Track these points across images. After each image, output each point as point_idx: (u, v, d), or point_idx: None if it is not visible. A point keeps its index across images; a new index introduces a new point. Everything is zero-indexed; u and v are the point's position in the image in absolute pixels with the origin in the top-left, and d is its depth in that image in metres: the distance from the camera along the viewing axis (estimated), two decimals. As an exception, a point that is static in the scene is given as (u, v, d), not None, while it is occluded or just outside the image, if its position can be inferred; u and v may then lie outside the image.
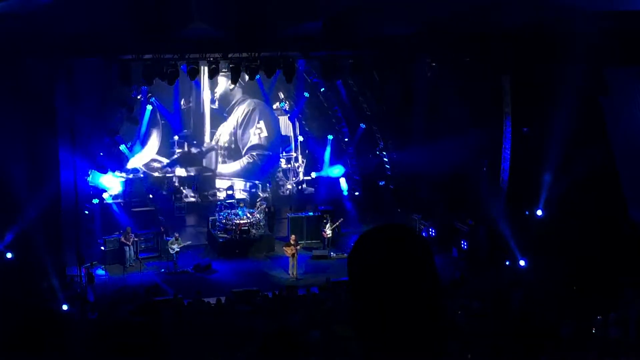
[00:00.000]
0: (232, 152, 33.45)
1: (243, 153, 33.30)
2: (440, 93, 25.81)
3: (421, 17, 21.20)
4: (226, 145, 33.43)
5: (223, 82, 31.45)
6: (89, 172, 26.63)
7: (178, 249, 25.60)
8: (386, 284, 2.39)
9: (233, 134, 33.40)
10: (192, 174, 32.24)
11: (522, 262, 23.22)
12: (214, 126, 33.16)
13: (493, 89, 24.51)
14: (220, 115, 32.86)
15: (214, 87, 32.17)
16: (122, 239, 25.60)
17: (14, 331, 14.26)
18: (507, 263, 23.62)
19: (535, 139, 23.21)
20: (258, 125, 33.41)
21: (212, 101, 32.53)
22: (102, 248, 25.80)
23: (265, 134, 33.45)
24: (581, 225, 21.46)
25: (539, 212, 24.05)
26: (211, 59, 23.85)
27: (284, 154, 33.52)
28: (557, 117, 21.64)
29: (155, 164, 31.88)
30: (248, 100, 33.16)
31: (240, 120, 33.29)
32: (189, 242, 26.83)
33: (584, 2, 17.72)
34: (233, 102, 32.95)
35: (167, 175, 31.80)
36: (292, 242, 25.06)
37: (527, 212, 24.39)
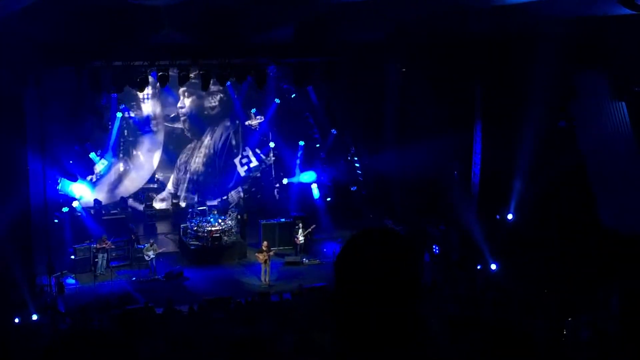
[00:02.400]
0: (207, 185, 33.28)
1: (229, 187, 33.08)
2: (411, 98, 25.92)
3: (391, 23, 21.30)
4: (199, 173, 33.45)
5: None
6: (59, 180, 26.39)
7: (154, 255, 25.46)
8: (371, 287, 2.39)
9: (208, 163, 33.45)
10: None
11: (493, 266, 23.36)
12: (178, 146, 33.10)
13: (463, 94, 24.66)
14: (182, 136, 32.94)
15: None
16: (97, 246, 25.37)
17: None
18: (479, 267, 23.74)
19: (505, 143, 23.36)
20: (245, 153, 33.32)
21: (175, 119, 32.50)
22: (72, 257, 25.55)
23: (254, 163, 33.46)
24: (552, 228, 21.66)
25: (510, 216, 24.22)
26: (182, 65, 23.77)
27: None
28: (527, 121, 21.82)
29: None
30: (223, 122, 33.15)
31: (219, 147, 33.25)
32: (164, 249, 26.68)
33: (550, 8, 17.86)
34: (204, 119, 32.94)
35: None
36: (264, 248, 24.99)
37: (498, 216, 24.55)
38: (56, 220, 26.29)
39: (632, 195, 20.98)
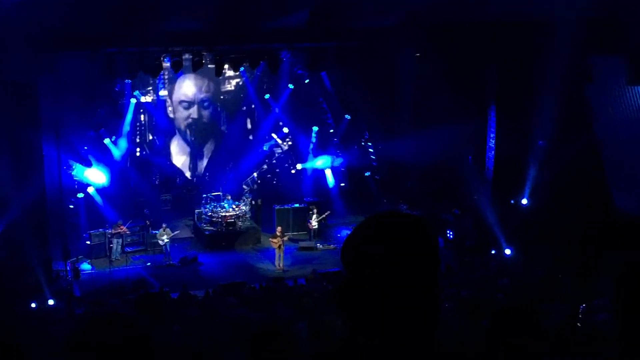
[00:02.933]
0: (222, 170, 33.20)
1: (245, 172, 32.88)
2: (425, 83, 25.80)
3: (406, 7, 21.18)
4: (215, 158, 33.52)
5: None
6: (73, 166, 26.47)
7: (167, 240, 25.58)
8: (385, 268, 2.35)
9: (224, 148, 33.47)
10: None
11: (507, 251, 23.33)
12: (194, 131, 33.13)
13: (478, 79, 24.55)
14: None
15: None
16: (112, 231, 25.52)
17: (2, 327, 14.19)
18: (493, 252, 23.71)
19: (519, 128, 23.27)
20: (270, 138, 33.37)
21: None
22: (88, 242, 25.72)
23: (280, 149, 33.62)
24: (566, 213, 21.57)
25: (524, 201, 24.15)
26: (195, 51, 23.76)
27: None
28: (542, 106, 21.70)
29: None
30: (239, 106, 33.19)
31: (235, 132, 33.35)
32: (177, 232, 26.79)
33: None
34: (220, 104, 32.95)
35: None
36: (278, 233, 25.03)
37: (512, 201, 24.48)
38: (71, 206, 26.42)
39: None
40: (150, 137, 32.05)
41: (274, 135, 32.70)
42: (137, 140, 31.13)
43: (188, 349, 6.18)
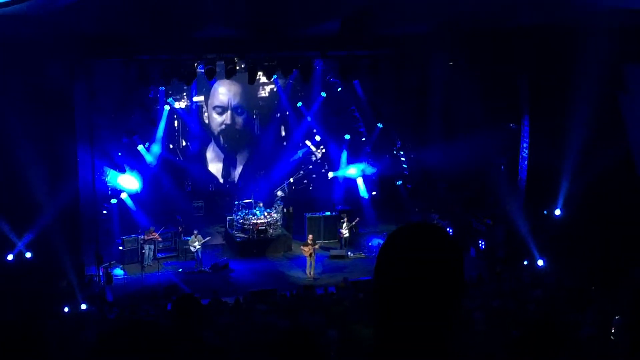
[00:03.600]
0: (255, 177, 33.11)
1: (278, 180, 32.75)
2: (457, 91, 25.71)
3: (438, 15, 21.14)
4: (249, 165, 33.61)
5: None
6: (107, 172, 26.73)
7: (199, 246, 25.74)
8: (411, 281, 2.39)
9: (258, 155, 33.52)
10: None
11: (540, 262, 23.13)
12: (228, 137, 33.20)
13: (510, 87, 24.40)
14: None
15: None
16: (145, 237, 25.73)
17: (28, 330, 14.31)
18: (525, 263, 23.52)
19: (553, 137, 23.08)
20: (306, 146, 33.26)
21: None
22: (121, 248, 25.95)
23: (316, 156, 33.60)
24: (600, 224, 21.34)
25: (558, 212, 23.92)
26: (228, 59, 23.89)
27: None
28: (575, 115, 21.51)
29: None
30: (273, 113, 33.23)
31: (268, 139, 33.36)
32: (209, 238, 26.92)
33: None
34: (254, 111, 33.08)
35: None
36: (309, 241, 25.05)
37: (545, 212, 24.26)
38: (105, 212, 26.68)
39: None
40: (184, 144, 32.23)
41: (308, 142, 32.70)
42: (171, 146, 31.22)
43: (218, 355, 6.21)
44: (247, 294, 20.92)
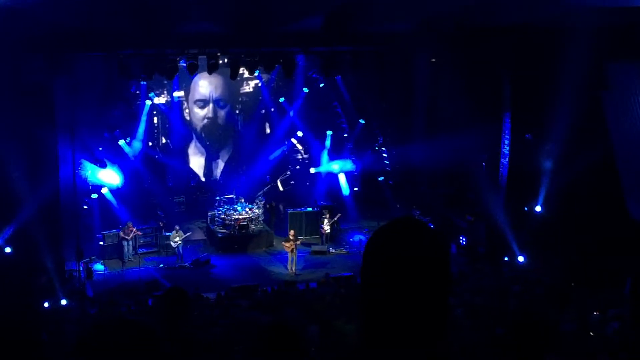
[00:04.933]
0: (238, 173, 33.00)
1: (261, 176, 32.70)
2: (440, 88, 25.78)
3: (421, 12, 21.17)
4: (231, 161, 33.51)
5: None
6: (87, 167, 26.55)
7: (180, 242, 25.66)
8: (398, 277, 2.38)
9: (241, 151, 33.40)
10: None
11: (520, 258, 23.26)
12: (210, 133, 33.04)
13: (493, 85, 24.47)
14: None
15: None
16: (122, 234, 25.65)
17: (10, 326, 14.24)
18: (506, 259, 23.64)
19: (535, 135, 23.19)
20: (290, 143, 33.04)
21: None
22: (101, 243, 25.84)
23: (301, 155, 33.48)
24: (580, 221, 21.47)
25: (538, 208, 24.05)
26: (210, 54, 23.82)
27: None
28: (557, 113, 21.61)
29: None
30: (257, 109, 33.07)
31: (251, 135, 33.21)
32: (189, 234, 26.86)
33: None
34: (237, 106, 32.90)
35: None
36: (291, 237, 25.03)
37: (526, 208, 24.38)
38: (85, 207, 26.54)
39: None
40: (164, 141, 32.08)
41: (294, 140, 32.64)
42: (150, 144, 30.95)
43: (199, 350, 6.19)
44: (228, 290, 20.89)
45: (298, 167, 33.01)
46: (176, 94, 30.93)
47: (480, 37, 22.71)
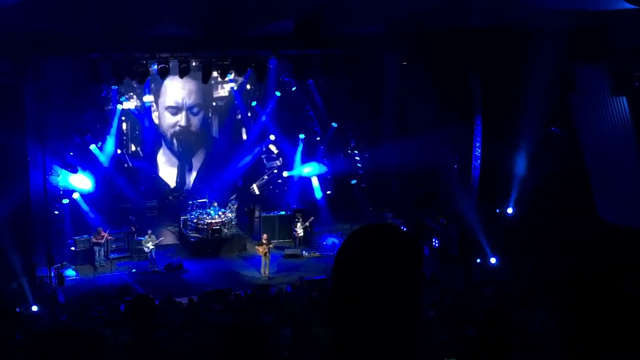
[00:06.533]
0: (211, 178, 32.57)
1: (234, 180, 32.62)
2: (411, 91, 25.88)
3: (390, 15, 21.24)
4: (204, 167, 33.19)
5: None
6: (58, 172, 26.27)
7: (153, 247, 25.51)
8: (370, 281, 2.39)
9: (214, 156, 33.08)
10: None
11: (492, 260, 23.39)
12: (182, 139, 32.71)
13: (463, 87, 24.62)
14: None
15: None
16: (93, 239, 25.46)
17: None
18: (478, 260, 23.76)
19: (505, 137, 23.35)
20: (267, 148, 32.81)
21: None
22: (73, 248, 25.63)
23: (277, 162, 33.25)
24: (551, 222, 21.65)
25: (510, 210, 24.22)
26: (182, 57, 23.73)
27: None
28: (527, 114, 21.80)
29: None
30: (231, 113, 32.88)
31: (224, 140, 32.99)
32: (162, 239, 26.74)
33: (551, 1, 17.86)
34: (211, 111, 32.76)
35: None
36: (264, 241, 25.01)
37: (497, 210, 24.55)
38: (56, 212, 26.29)
39: (630, 190, 21.00)
40: (134, 148, 31.80)
41: (272, 147, 32.58)
42: (118, 151, 30.27)
43: (171, 355, 6.17)
44: (201, 294, 20.82)
45: (276, 171, 32.84)
46: (146, 98, 30.63)
47: (449, 39, 22.84)
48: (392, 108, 28.59)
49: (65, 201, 26.59)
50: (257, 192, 31.62)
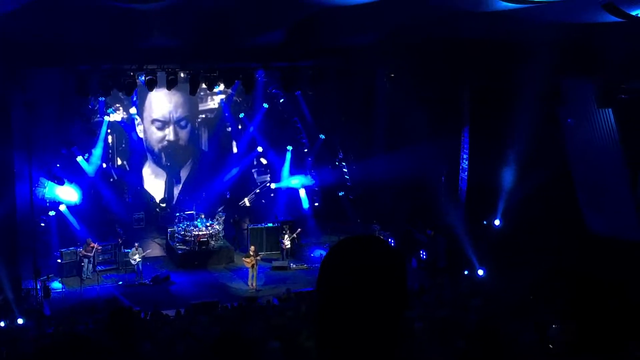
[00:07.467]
0: (199, 191, 32.51)
1: (221, 193, 32.61)
2: (399, 103, 25.94)
3: (380, 28, 21.29)
4: (192, 180, 33.11)
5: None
6: (45, 184, 26.15)
7: (139, 259, 25.39)
8: (354, 294, 2.38)
9: (201, 169, 32.99)
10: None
11: (480, 272, 23.41)
12: (169, 152, 32.57)
13: (452, 99, 24.69)
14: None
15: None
16: (83, 251, 25.30)
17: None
18: (466, 272, 23.78)
19: (493, 149, 23.41)
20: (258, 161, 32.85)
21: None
22: (59, 260, 25.47)
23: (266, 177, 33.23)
24: (539, 234, 21.69)
25: (497, 222, 24.27)
26: (169, 69, 23.71)
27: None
28: (515, 127, 21.87)
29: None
30: (220, 126, 32.86)
31: (213, 153, 32.96)
32: (149, 251, 26.63)
33: (538, 14, 17.91)
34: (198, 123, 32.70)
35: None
36: (251, 253, 24.94)
37: (485, 222, 24.58)
38: (43, 224, 26.14)
39: (617, 201, 21.09)
40: (120, 162, 31.68)
41: (263, 160, 32.60)
42: (104, 165, 30.19)
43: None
44: (188, 306, 20.72)
45: (268, 184, 32.79)
46: (133, 110, 30.56)
47: (438, 52, 22.91)
48: (380, 120, 28.64)
49: (52, 213, 26.44)
50: (247, 204, 31.56)
